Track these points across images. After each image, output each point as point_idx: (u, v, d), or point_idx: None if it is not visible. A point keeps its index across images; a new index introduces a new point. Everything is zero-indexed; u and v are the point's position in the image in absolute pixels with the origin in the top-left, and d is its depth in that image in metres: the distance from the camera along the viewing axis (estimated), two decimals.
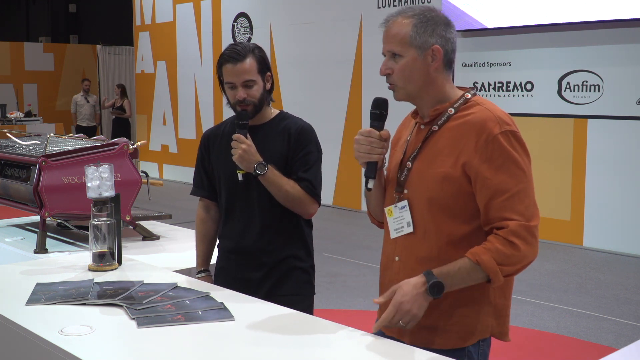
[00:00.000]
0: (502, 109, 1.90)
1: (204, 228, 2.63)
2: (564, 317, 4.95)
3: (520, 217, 1.78)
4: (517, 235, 1.77)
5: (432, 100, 1.91)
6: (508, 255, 1.77)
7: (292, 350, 1.72)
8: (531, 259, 1.82)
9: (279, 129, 2.49)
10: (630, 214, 6.70)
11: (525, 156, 1.85)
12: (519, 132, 1.86)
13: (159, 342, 1.75)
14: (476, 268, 1.78)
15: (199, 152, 2.64)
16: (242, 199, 2.49)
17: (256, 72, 2.42)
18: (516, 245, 1.77)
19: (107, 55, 16.00)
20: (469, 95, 1.92)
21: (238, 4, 10.81)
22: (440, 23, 1.88)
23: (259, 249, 2.47)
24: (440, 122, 1.89)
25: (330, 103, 9.16)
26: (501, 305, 1.93)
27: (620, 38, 6.60)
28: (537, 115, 7.26)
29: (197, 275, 2.54)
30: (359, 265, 6.20)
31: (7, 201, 3.23)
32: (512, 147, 1.81)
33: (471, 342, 1.89)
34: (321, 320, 1.94)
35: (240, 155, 2.35)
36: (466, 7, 7.53)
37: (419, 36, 1.85)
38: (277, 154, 2.44)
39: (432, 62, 1.87)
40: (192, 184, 2.71)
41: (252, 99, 2.43)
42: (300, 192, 2.42)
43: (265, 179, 2.38)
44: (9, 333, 1.92)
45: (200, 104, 11.69)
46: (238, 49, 2.42)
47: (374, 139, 1.89)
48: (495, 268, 1.77)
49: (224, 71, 2.44)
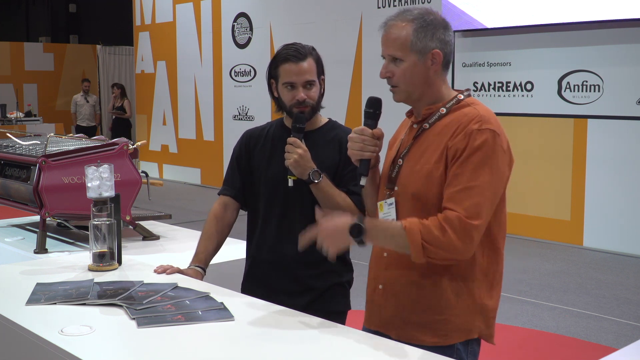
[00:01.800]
0: (493, 111, 1.93)
1: (217, 225, 2.45)
2: (564, 317, 4.95)
3: (462, 211, 1.78)
4: (450, 224, 1.78)
5: (428, 100, 1.94)
6: (435, 237, 1.78)
7: (292, 351, 1.72)
8: (460, 255, 1.81)
9: (329, 137, 2.40)
10: (630, 214, 6.70)
11: (497, 157, 1.82)
12: (500, 133, 1.85)
13: (159, 342, 1.75)
14: (402, 234, 1.80)
15: (237, 150, 2.51)
16: (283, 206, 2.38)
17: (315, 74, 2.35)
18: (446, 232, 1.78)
19: (107, 55, 16.01)
20: (462, 97, 1.94)
21: (238, 4, 10.81)
22: (440, 26, 1.91)
23: (296, 260, 2.35)
24: (432, 120, 1.93)
25: (330, 103, 9.12)
26: (488, 307, 1.94)
27: (620, 38, 6.61)
28: (537, 115, 7.26)
29: (189, 266, 2.39)
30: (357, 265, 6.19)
31: (7, 201, 3.23)
32: (484, 144, 1.81)
33: (456, 340, 1.90)
34: (322, 320, 1.94)
35: (295, 160, 2.24)
36: (466, 7, 7.53)
37: (419, 41, 1.88)
38: (328, 163, 2.33)
39: (431, 66, 1.90)
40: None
41: (311, 100, 2.34)
42: (351, 205, 2.30)
43: (317, 188, 2.28)
44: (9, 333, 1.92)
45: (200, 104, 11.69)
46: (298, 47, 2.34)
47: (366, 137, 1.93)
48: (418, 241, 1.78)
49: (281, 71, 2.33)
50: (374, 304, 2.02)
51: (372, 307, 2.04)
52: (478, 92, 7.67)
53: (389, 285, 1.97)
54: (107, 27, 17.54)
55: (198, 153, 11.71)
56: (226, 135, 11.07)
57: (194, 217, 8.11)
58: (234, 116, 11.03)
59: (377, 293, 2.00)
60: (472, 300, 1.90)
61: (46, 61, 16.35)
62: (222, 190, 2.53)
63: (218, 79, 11.30)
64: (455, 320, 1.90)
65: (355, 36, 9.00)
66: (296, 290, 2.37)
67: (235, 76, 10.97)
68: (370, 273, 2.05)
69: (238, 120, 10.89)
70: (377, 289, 2.00)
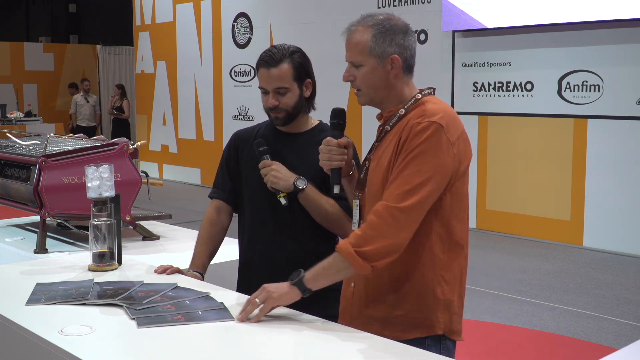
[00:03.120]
0: (450, 107, 1.97)
1: (211, 231, 2.45)
2: (564, 317, 4.95)
3: (389, 199, 1.83)
4: (376, 214, 1.82)
5: (391, 103, 2.00)
6: (361, 236, 1.82)
7: (292, 351, 1.72)
8: (392, 241, 1.81)
9: (318, 139, 2.31)
10: (630, 214, 6.70)
11: (435, 148, 1.83)
12: (445, 125, 1.84)
13: (159, 342, 1.75)
14: (337, 256, 1.85)
15: (226, 151, 2.49)
16: (271, 209, 2.34)
17: (291, 79, 2.29)
18: (372, 223, 1.82)
19: (107, 55, 16.01)
20: (420, 96, 1.98)
21: (238, 4, 10.81)
22: (399, 32, 1.95)
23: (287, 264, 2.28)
24: (392, 122, 1.98)
25: (330, 103, 9.13)
26: (451, 302, 1.95)
27: (620, 38, 6.61)
28: (537, 115, 7.26)
29: (188, 271, 2.37)
30: None
31: (7, 201, 3.23)
32: (420, 136, 1.84)
33: (416, 335, 1.92)
34: (322, 320, 1.94)
35: (274, 176, 2.24)
36: (466, 7, 7.53)
37: (377, 46, 1.94)
38: (316, 166, 2.24)
39: (391, 70, 1.95)
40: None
41: (284, 106, 2.30)
42: (340, 212, 2.28)
43: (304, 195, 2.25)
44: (9, 333, 1.92)
45: (200, 104, 11.69)
46: (273, 52, 2.30)
47: (332, 147, 2.05)
48: (350, 250, 1.81)
49: (258, 75, 2.32)
50: (346, 301, 2.09)
51: (344, 305, 2.10)
52: (478, 92, 7.67)
53: (359, 284, 2.03)
54: (107, 27, 17.55)
55: (198, 153, 11.71)
56: (226, 135, 11.06)
57: (194, 217, 8.10)
58: (234, 116, 11.03)
59: (350, 291, 2.07)
60: (431, 295, 1.92)
61: (46, 61, 16.35)
62: (212, 193, 2.51)
63: (218, 79, 11.30)
64: (415, 317, 1.93)
65: None
66: None
67: (235, 76, 10.97)
68: None
69: (238, 120, 10.90)
70: (350, 287, 2.06)
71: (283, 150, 2.37)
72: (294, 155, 2.34)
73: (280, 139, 2.39)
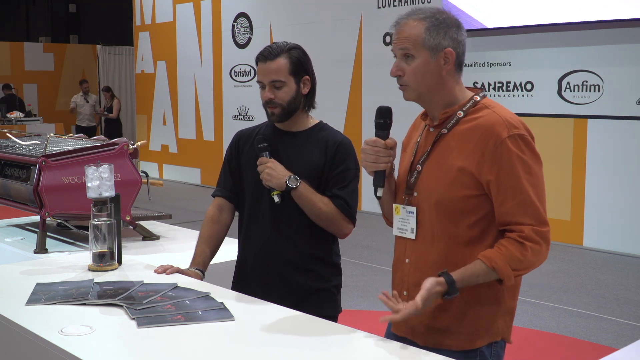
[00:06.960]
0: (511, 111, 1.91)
1: (212, 228, 2.46)
2: (564, 317, 4.95)
3: (533, 221, 1.80)
4: (530, 240, 1.79)
5: (441, 102, 1.91)
6: (521, 260, 1.80)
7: (292, 351, 1.72)
8: (542, 262, 1.85)
9: (316, 139, 2.37)
10: (630, 214, 6.70)
11: (535, 159, 1.84)
12: (528, 135, 1.84)
13: (159, 342, 1.75)
14: (490, 272, 1.80)
15: (228, 151, 2.52)
16: (269, 208, 2.35)
17: (287, 73, 2.31)
18: (529, 249, 1.79)
19: (107, 55, 16.01)
20: (478, 98, 1.92)
21: (238, 4, 10.82)
22: (452, 25, 1.88)
23: (284, 264, 2.34)
24: (450, 125, 1.89)
25: (330, 103, 9.16)
26: (511, 307, 1.94)
27: (620, 38, 6.61)
28: (537, 115, 7.26)
29: (189, 268, 2.38)
30: (358, 265, 6.20)
31: (7, 201, 3.23)
32: (521, 151, 1.81)
33: (481, 343, 1.89)
34: (321, 320, 1.94)
35: (268, 174, 2.26)
36: (466, 7, 7.53)
37: (432, 38, 1.85)
38: (313, 166, 2.31)
39: (444, 65, 1.87)
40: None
41: (279, 101, 2.32)
42: (334, 210, 2.29)
43: (297, 194, 2.26)
44: (9, 333, 1.92)
45: (200, 104, 11.69)
46: (272, 47, 2.33)
47: (379, 148, 1.90)
48: (509, 272, 1.80)
49: (257, 70, 2.35)
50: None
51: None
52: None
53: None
54: (107, 27, 17.55)
55: (198, 153, 11.71)
56: (226, 135, 11.07)
57: (194, 217, 8.11)
58: (234, 116, 11.03)
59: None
60: (497, 303, 1.89)
61: (46, 61, 16.35)
62: (215, 191, 2.53)
63: (218, 79, 11.30)
64: (480, 325, 1.89)
65: (355, 36, 9.00)
66: (283, 295, 2.30)
67: (235, 76, 10.97)
68: (396, 277, 2.02)
69: (238, 120, 10.90)
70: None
71: (282, 148, 2.38)
72: (293, 154, 2.35)
73: (280, 138, 2.40)
